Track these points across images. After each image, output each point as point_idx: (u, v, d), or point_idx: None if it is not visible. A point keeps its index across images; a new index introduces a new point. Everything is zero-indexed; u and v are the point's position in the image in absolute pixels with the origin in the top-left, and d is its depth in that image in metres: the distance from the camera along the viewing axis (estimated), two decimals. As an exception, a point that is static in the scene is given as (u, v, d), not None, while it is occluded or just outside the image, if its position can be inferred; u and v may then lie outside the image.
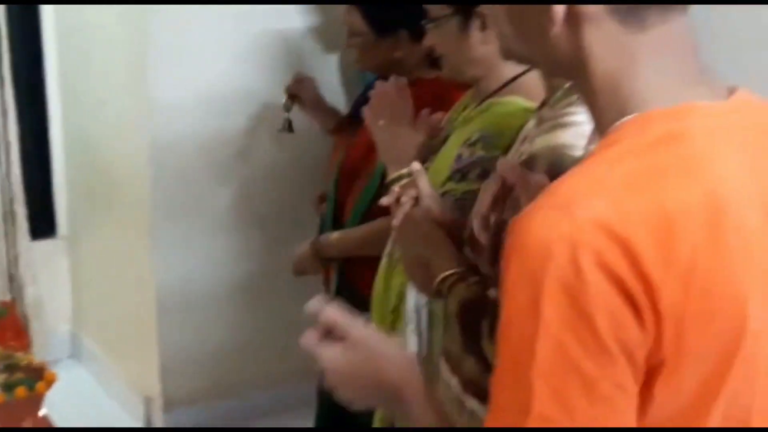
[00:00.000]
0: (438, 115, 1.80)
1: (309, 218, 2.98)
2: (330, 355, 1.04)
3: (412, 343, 1.66)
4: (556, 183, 0.87)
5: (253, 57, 2.81)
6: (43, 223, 3.40)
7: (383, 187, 1.80)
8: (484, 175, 1.55)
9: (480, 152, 1.58)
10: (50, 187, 3.43)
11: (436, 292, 1.38)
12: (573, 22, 0.88)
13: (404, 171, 1.71)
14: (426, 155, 1.77)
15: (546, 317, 0.79)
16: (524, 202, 1.11)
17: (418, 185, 1.44)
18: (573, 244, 0.79)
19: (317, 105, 2.61)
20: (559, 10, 0.88)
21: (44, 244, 3.39)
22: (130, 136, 2.91)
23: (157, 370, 2.89)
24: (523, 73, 1.69)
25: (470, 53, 1.70)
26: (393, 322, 1.79)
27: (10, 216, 3.24)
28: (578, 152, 1.18)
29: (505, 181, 1.18)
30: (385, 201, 1.51)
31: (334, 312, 1.06)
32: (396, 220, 1.45)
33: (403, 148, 1.73)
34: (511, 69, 1.69)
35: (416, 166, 1.48)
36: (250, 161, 2.90)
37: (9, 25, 3.09)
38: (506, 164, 1.20)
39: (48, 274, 3.39)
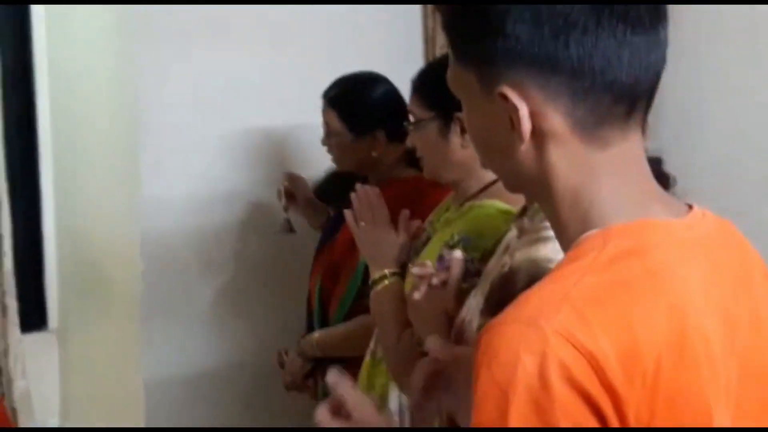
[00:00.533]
0: (416, 222, 1.84)
1: (298, 313, 3.02)
2: None
3: (394, 444, 1.67)
4: (525, 295, 0.90)
5: (239, 153, 2.86)
6: (33, 316, 3.41)
7: (366, 285, 1.83)
8: (466, 275, 1.59)
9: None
10: (42, 280, 3.44)
11: None
12: (538, 140, 0.92)
13: (386, 271, 1.75)
14: (408, 255, 1.81)
15: (512, 426, 0.82)
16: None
17: (452, 273, 1.47)
18: (541, 356, 0.82)
19: (309, 203, 2.65)
20: (527, 128, 0.91)
21: (34, 337, 3.39)
22: (120, 230, 2.94)
23: (145, 465, 2.87)
24: None
25: (450, 156, 1.75)
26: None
27: (1, 309, 3.25)
28: None
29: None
30: (416, 270, 1.53)
31: (348, 390, 1.12)
32: (417, 294, 1.47)
33: (385, 249, 1.77)
34: (489, 172, 1.74)
35: (458, 254, 1.50)
36: (239, 256, 2.93)
37: (4, 121, 3.15)
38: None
39: (37, 368, 3.39)
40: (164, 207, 2.79)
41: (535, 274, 1.22)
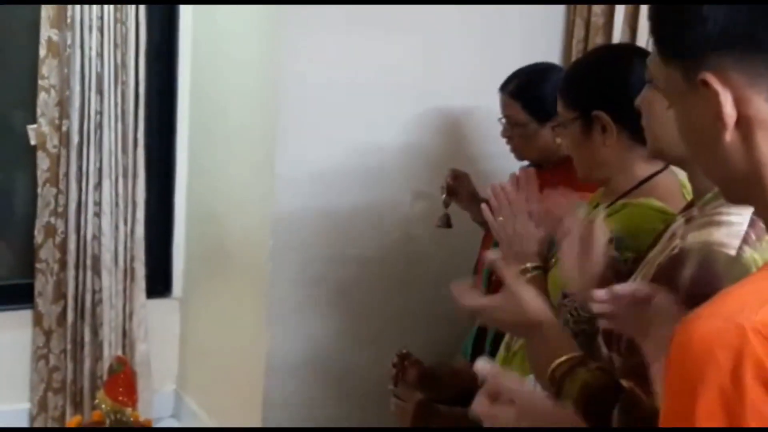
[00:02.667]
0: (568, 196, 1.80)
1: (420, 303, 3.02)
2: (507, 418, 1.09)
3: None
4: (725, 293, 0.87)
5: (374, 139, 2.87)
6: (159, 283, 3.52)
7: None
8: (618, 276, 1.55)
9: (612, 253, 1.58)
10: (170, 250, 3.55)
11: (549, 378, 1.38)
12: (745, 129, 0.89)
13: (528, 265, 1.72)
14: (549, 249, 1.78)
15: (699, 422, 0.80)
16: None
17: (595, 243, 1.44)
18: (737, 353, 0.80)
19: (473, 199, 2.65)
20: (731, 114, 0.88)
21: (158, 303, 3.50)
22: (252, 208, 3.00)
23: (260, 437, 2.93)
24: (657, 173, 1.70)
25: (595, 155, 1.74)
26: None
27: (129, 273, 3.37)
28: (731, 251, 1.18)
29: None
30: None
31: (501, 376, 1.11)
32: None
33: (525, 243, 1.75)
34: (641, 169, 1.70)
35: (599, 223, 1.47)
36: (369, 241, 2.94)
37: (146, 92, 3.26)
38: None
39: (158, 334, 3.49)
40: (297, 186, 2.82)
41: (707, 256, 1.18)
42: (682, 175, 1.74)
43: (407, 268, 3.01)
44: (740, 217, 1.22)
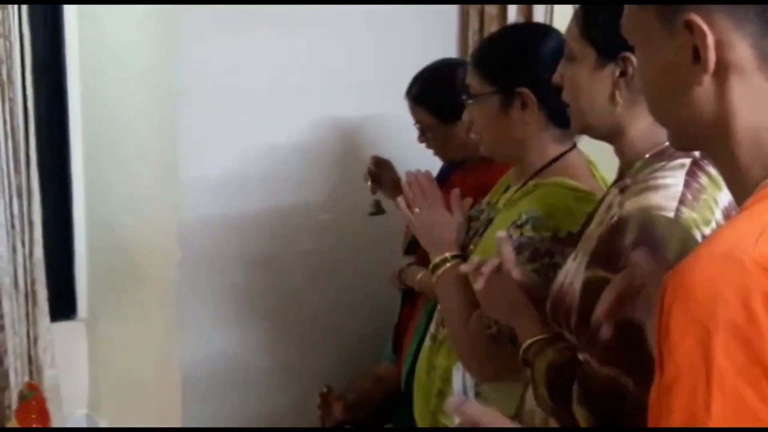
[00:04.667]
0: (468, 200, 1.81)
1: (336, 304, 3.00)
2: None
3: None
4: (716, 233, 0.87)
5: (275, 142, 2.83)
6: (63, 305, 3.39)
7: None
8: (535, 255, 1.56)
9: (529, 233, 1.59)
10: (72, 269, 3.42)
11: (522, 360, 1.37)
12: (721, 74, 0.89)
13: (447, 255, 1.71)
14: (466, 238, 1.78)
15: (719, 365, 0.78)
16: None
17: (501, 252, 1.44)
18: (743, 288, 0.79)
19: (396, 186, 2.62)
20: (712, 57, 0.88)
21: (63, 326, 3.37)
22: (157, 218, 2.91)
23: (181, 455, 2.85)
24: (566, 152, 1.71)
25: (510, 132, 1.71)
26: (437, 405, 1.77)
27: (31, 297, 3.23)
28: (670, 213, 1.18)
29: (634, 280, 1.16)
30: (464, 268, 1.50)
31: (477, 408, 1.08)
32: (477, 285, 1.44)
33: (443, 232, 1.74)
34: (552, 149, 1.71)
35: (499, 234, 1.48)
36: (278, 243, 2.90)
37: (35, 106, 3.14)
38: (640, 256, 1.18)
39: (66, 357, 3.36)
40: (202, 193, 2.75)
41: (646, 221, 1.18)
42: (590, 155, 1.77)
43: (319, 268, 2.98)
44: (675, 179, 1.23)
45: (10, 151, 3.10)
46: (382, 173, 2.60)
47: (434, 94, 2.31)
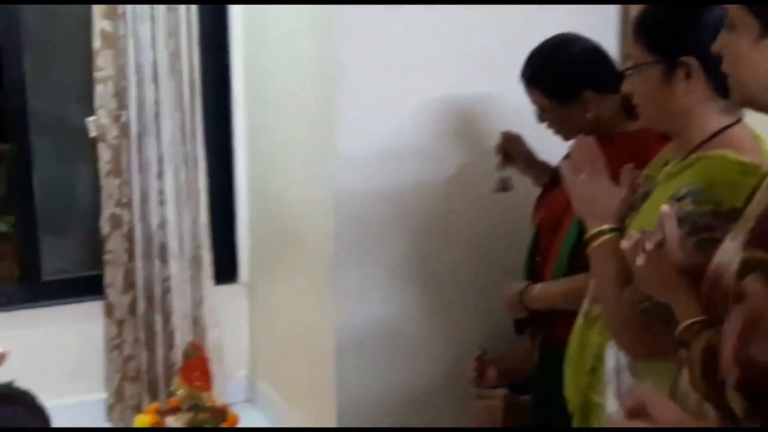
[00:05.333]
0: (637, 173, 1.74)
1: (491, 274, 2.99)
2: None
3: (611, 405, 1.61)
4: None
5: (432, 116, 2.83)
6: (226, 270, 3.53)
7: (581, 243, 1.76)
8: (694, 230, 1.49)
9: (689, 207, 1.52)
10: (234, 235, 3.56)
11: (678, 341, 1.33)
12: None
13: (605, 227, 1.66)
14: (625, 211, 1.72)
15: None
16: None
17: (665, 229, 1.39)
18: None
19: (529, 161, 2.59)
20: None
21: (226, 289, 3.51)
22: (313, 186, 2.98)
23: (335, 416, 2.91)
24: (731, 126, 1.62)
25: (672, 103, 1.64)
26: (589, 383, 1.74)
27: (196, 261, 3.38)
28: None
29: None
30: (625, 244, 1.46)
31: (647, 391, 1.09)
32: (639, 261, 1.40)
33: (604, 203, 1.68)
34: (715, 121, 1.62)
35: (665, 209, 1.42)
36: (433, 215, 2.91)
37: (202, 79, 3.26)
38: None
39: (228, 319, 3.51)
40: (358, 166, 2.79)
41: None
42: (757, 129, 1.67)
43: (472, 241, 2.97)
44: None
45: (178, 121, 3.25)
46: (513, 149, 2.56)
47: (547, 74, 2.24)
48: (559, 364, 1.87)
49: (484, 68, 2.84)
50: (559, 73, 2.22)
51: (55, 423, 1.34)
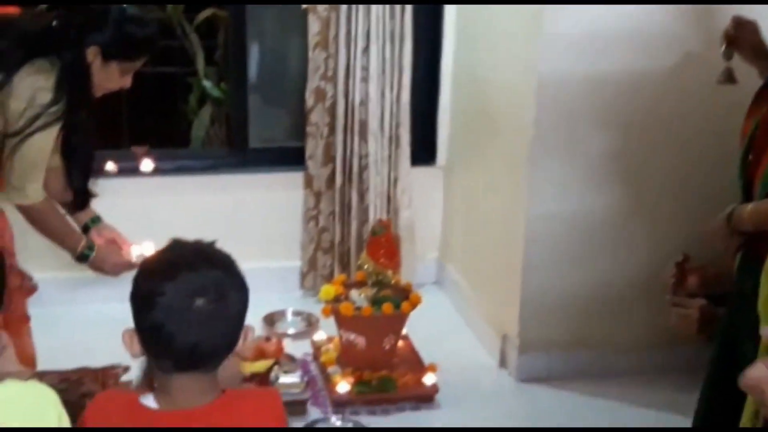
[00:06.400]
0: None
1: (696, 177, 2.79)
2: None
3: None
4: None
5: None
6: (423, 151, 3.50)
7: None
8: None
9: None
10: (435, 117, 3.50)
11: None
12: None
13: None
14: None
15: None
16: None
17: None
18: None
19: (758, 51, 2.31)
20: None
21: (422, 171, 3.49)
22: (517, 69, 2.86)
23: (518, 310, 2.87)
24: None
25: None
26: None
27: (395, 140, 3.37)
28: None
29: None
30: None
31: None
32: None
33: None
34: None
35: None
36: (636, 106, 2.73)
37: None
38: None
39: (422, 201, 3.50)
40: (563, 49, 2.64)
41: None
42: None
43: (683, 140, 2.77)
44: None
45: (387, -4, 3.19)
46: (741, 36, 2.27)
47: None
48: (756, 283, 1.71)
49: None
50: None
51: (251, 286, 1.35)
